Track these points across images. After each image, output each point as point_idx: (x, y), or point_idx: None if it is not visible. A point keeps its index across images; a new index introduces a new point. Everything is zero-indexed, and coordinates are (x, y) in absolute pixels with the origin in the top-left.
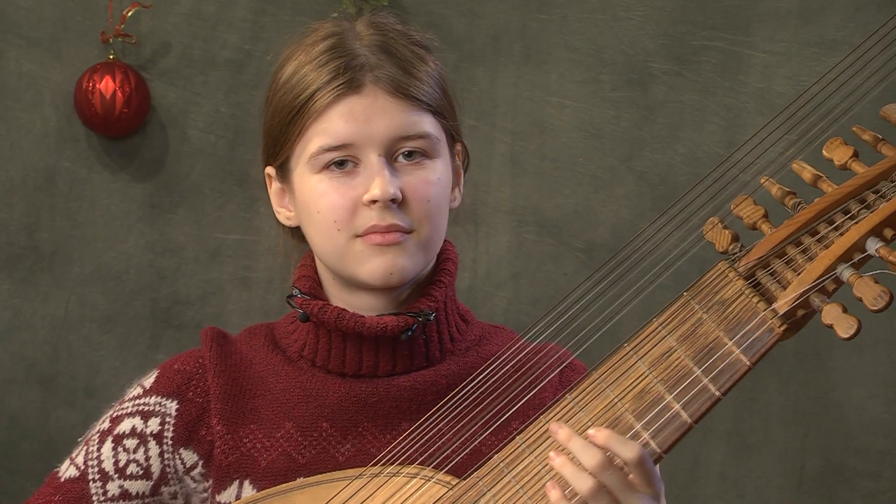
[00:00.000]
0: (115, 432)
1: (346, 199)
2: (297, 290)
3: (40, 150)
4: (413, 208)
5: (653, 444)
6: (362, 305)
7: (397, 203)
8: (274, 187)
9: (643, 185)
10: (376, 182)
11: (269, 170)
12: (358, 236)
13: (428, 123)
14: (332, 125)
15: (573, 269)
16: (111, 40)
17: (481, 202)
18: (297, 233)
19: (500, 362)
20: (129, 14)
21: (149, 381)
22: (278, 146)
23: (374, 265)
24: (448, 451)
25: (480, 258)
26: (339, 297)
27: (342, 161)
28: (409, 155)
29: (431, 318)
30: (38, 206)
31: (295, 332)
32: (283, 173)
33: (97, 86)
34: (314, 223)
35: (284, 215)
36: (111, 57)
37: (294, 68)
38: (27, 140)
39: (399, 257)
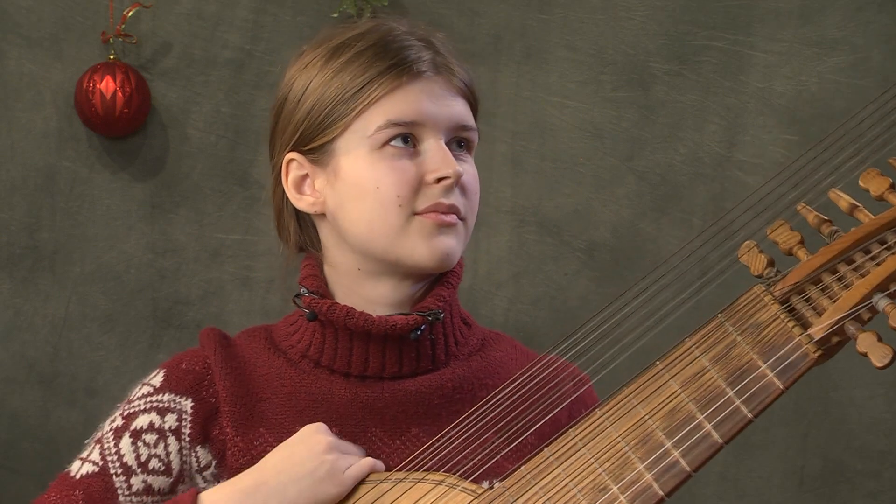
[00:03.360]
0: (132, 428)
1: (409, 175)
2: (304, 289)
3: (41, 149)
4: (465, 197)
5: (683, 462)
6: (374, 300)
7: (457, 185)
8: (294, 174)
9: (644, 185)
10: (446, 161)
11: (294, 155)
12: (416, 214)
13: (472, 118)
14: (402, 102)
15: (574, 269)
16: (112, 40)
17: (482, 202)
18: (308, 232)
19: (525, 377)
20: (130, 14)
21: (157, 379)
22: (323, 126)
23: (433, 245)
24: (469, 463)
25: (481, 258)
26: (346, 296)
27: (404, 139)
28: (459, 146)
29: (441, 317)
30: (38, 205)
31: (297, 333)
32: (321, 156)
33: (98, 86)
34: (367, 201)
35: (308, 202)
36: (112, 57)
37: (347, 56)
38: (28, 140)
39: (453, 240)
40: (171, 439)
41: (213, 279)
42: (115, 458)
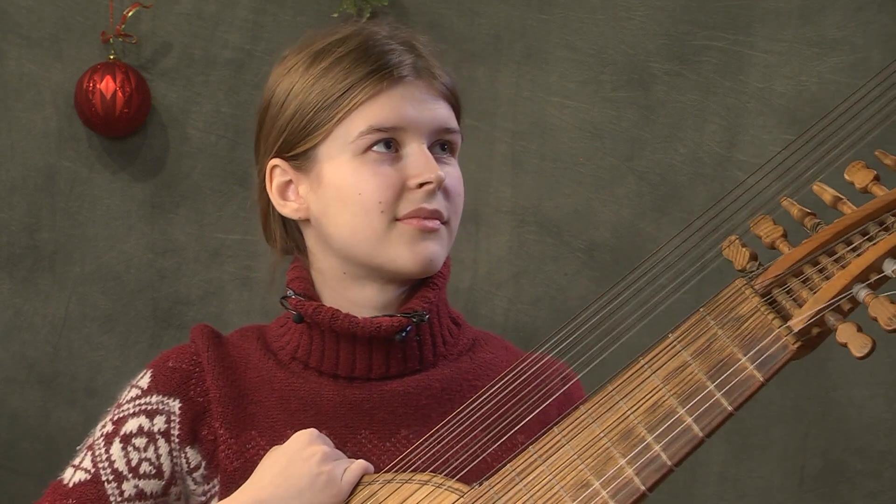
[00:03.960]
0: (122, 433)
1: (391, 180)
2: (291, 291)
3: (41, 149)
4: (448, 200)
5: (664, 456)
6: (360, 303)
7: (440, 189)
8: (278, 180)
9: (644, 185)
10: (428, 166)
11: (277, 161)
12: (398, 220)
13: (455, 120)
14: (384, 107)
15: (574, 269)
16: (112, 40)
17: (482, 202)
18: (294, 236)
19: (511, 375)
20: (130, 14)
21: (144, 381)
22: (305, 133)
23: (416, 250)
24: (456, 462)
25: (481, 258)
26: (333, 299)
27: (386, 144)
28: (442, 149)
29: (425, 318)
30: (38, 205)
31: (287, 335)
32: (304, 162)
33: (98, 86)
34: (350, 207)
35: (292, 207)
36: (112, 57)
37: (328, 62)
38: (28, 140)
39: (436, 245)
40: (161, 442)
41: (213, 279)
42: (107, 464)
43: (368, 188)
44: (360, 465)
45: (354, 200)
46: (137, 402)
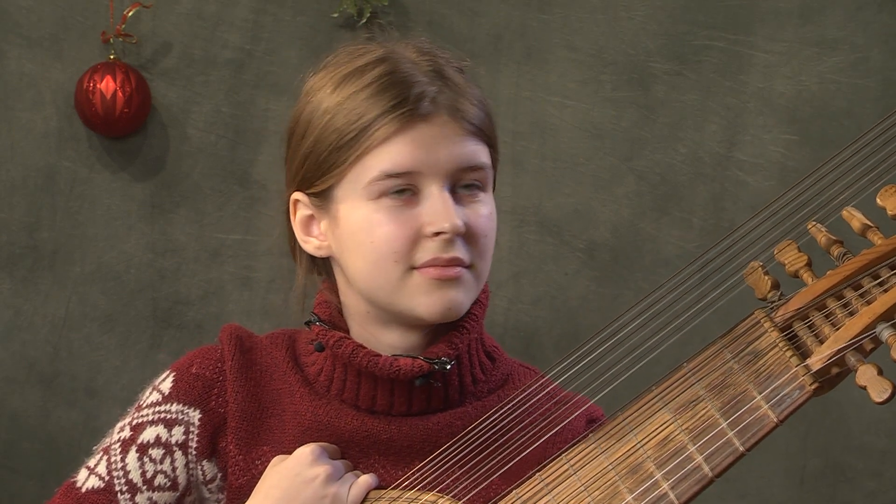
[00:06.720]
0: (139, 441)
1: (405, 229)
2: (315, 317)
3: (41, 149)
4: (472, 243)
5: (671, 494)
6: (386, 343)
7: (461, 235)
8: (301, 215)
9: (644, 185)
10: (443, 213)
11: (299, 195)
12: (415, 268)
13: (484, 154)
14: (398, 151)
15: (574, 269)
16: (112, 40)
17: None
18: (320, 264)
19: (519, 403)
20: (130, 14)
21: (166, 385)
22: (321, 172)
23: (433, 299)
24: (458, 489)
25: None
26: (361, 330)
27: (400, 190)
28: (467, 187)
29: (447, 368)
30: (38, 205)
31: (312, 354)
32: (323, 201)
33: (98, 86)
34: (364, 254)
35: (314, 245)
36: (112, 57)
37: (346, 93)
38: (28, 140)
39: (458, 292)
40: (178, 454)
41: (213, 279)
42: (121, 473)
43: (380, 237)
44: (365, 481)
45: (368, 248)
46: (157, 408)
